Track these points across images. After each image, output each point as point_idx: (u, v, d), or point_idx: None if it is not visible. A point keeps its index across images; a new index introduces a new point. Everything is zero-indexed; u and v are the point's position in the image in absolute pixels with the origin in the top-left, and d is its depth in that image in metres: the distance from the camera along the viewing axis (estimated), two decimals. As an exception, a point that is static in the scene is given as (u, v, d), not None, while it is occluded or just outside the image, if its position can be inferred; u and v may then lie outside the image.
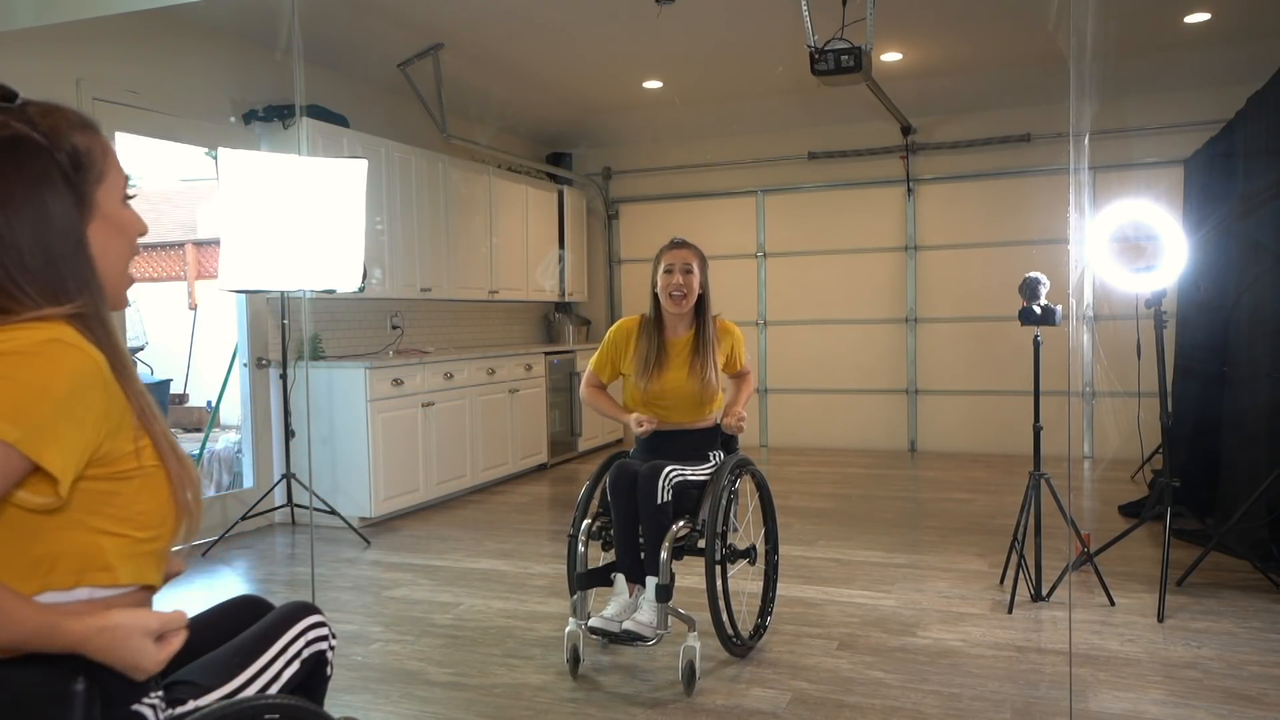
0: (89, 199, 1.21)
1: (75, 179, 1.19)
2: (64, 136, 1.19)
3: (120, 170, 1.27)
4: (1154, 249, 3.49)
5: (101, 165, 1.23)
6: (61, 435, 1.11)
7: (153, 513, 1.22)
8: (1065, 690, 2.80)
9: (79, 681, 1.12)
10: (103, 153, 1.24)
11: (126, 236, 1.27)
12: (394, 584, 4.09)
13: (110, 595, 1.21)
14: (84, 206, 1.20)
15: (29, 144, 1.16)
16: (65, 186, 1.18)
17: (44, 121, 1.19)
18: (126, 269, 1.29)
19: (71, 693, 1.11)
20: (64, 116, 1.22)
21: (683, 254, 3.15)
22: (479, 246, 6.78)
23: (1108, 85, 6.07)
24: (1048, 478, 3.62)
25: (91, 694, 1.12)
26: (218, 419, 6.41)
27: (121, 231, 1.26)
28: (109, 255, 1.24)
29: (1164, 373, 3.80)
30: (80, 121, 1.23)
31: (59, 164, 1.18)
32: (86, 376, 1.13)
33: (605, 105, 7.46)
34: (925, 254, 7.44)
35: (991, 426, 7.19)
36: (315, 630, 1.51)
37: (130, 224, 1.28)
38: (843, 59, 4.50)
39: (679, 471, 2.98)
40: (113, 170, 1.25)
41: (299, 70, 5.19)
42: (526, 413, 6.68)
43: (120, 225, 1.26)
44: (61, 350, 1.12)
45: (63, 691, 1.11)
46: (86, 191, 1.21)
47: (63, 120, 1.21)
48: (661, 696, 2.82)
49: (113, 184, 1.25)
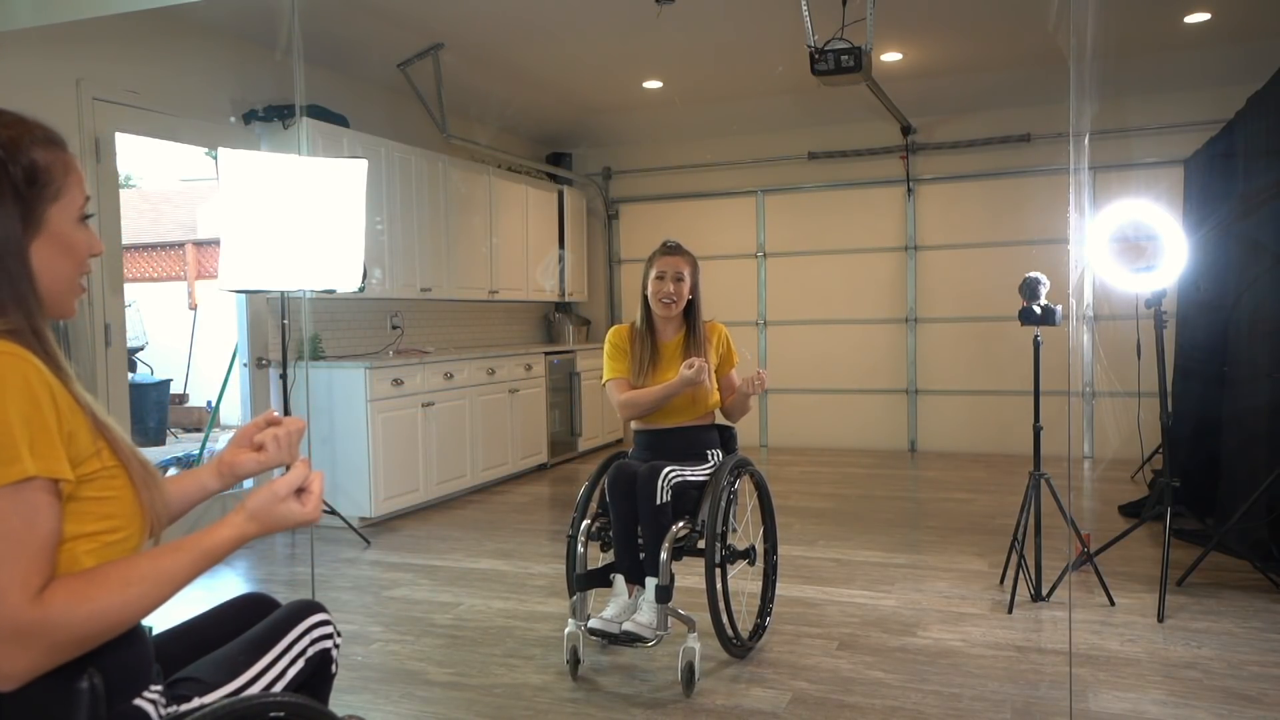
0: (38, 216, 1.20)
1: (26, 194, 1.18)
2: (23, 150, 1.18)
3: (81, 189, 1.26)
4: (1154, 249, 3.49)
5: (60, 183, 1.22)
6: (52, 439, 1.12)
7: (119, 513, 1.22)
8: (1065, 690, 2.80)
9: (83, 679, 1.12)
10: (64, 170, 1.23)
11: (75, 257, 1.25)
12: (394, 584, 4.10)
13: None
14: (31, 222, 1.19)
15: None
16: (13, 200, 1.17)
17: (4, 132, 1.18)
18: (72, 286, 1.27)
19: (77, 690, 1.11)
20: (28, 129, 1.20)
21: (674, 261, 3.16)
22: (479, 246, 6.78)
23: (1108, 85, 6.08)
24: (1048, 478, 3.62)
25: (96, 691, 1.12)
26: (218, 419, 6.41)
27: (69, 252, 1.24)
28: (52, 273, 1.22)
29: (1164, 373, 3.80)
30: (45, 137, 1.22)
31: (10, 176, 1.17)
32: (34, 377, 1.12)
33: (605, 105, 7.46)
34: (925, 254, 7.44)
35: (991, 426, 7.19)
36: (320, 629, 1.51)
37: (81, 245, 1.26)
38: (843, 59, 4.51)
39: (678, 472, 2.98)
40: (72, 189, 1.24)
41: (299, 70, 5.19)
42: (526, 413, 6.68)
43: (69, 245, 1.24)
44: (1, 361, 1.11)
45: (68, 689, 1.12)
46: (37, 208, 1.20)
47: (26, 133, 1.20)
48: (661, 697, 2.82)
49: (69, 203, 1.23)
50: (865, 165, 7.56)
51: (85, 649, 1.13)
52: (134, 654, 1.25)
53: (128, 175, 11.49)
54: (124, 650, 1.22)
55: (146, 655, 1.28)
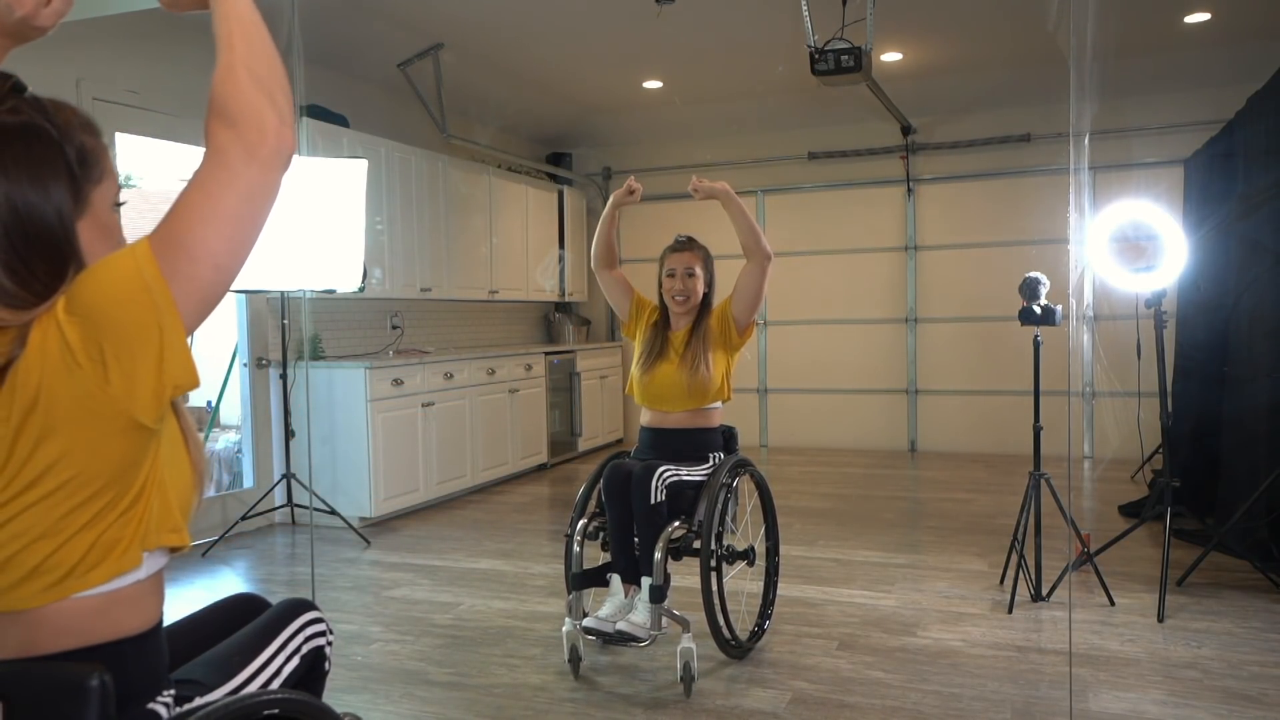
0: (85, 196, 1.21)
1: (79, 175, 1.20)
2: (74, 132, 1.20)
3: (115, 177, 1.27)
4: (1154, 249, 3.49)
5: (101, 167, 1.24)
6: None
7: (181, 460, 1.23)
8: (1065, 690, 2.80)
9: (94, 677, 1.11)
10: (103, 155, 1.25)
11: (112, 240, 1.26)
12: (394, 584, 4.10)
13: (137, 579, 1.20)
14: (80, 203, 1.20)
15: (44, 134, 1.17)
16: (68, 179, 1.18)
17: (58, 115, 1.20)
18: None
19: (87, 688, 1.11)
20: (73, 113, 1.22)
21: (684, 257, 3.17)
22: (479, 246, 6.78)
23: (1108, 85, 6.08)
24: (1048, 478, 3.62)
25: (106, 690, 1.12)
26: (218, 419, 6.40)
27: (107, 235, 1.25)
28: (92, 256, 1.23)
29: (1164, 373, 3.80)
30: (85, 122, 1.24)
31: (67, 158, 1.18)
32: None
33: (605, 105, 7.46)
34: (925, 254, 7.44)
35: (991, 426, 7.19)
36: (313, 626, 1.52)
37: (116, 228, 1.28)
38: (843, 59, 4.51)
39: (673, 472, 2.98)
40: (109, 175, 1.25)
41: (299, 70, 5.16)
42: (526, 413, 6.68)
43: (108, 229, 1.25)
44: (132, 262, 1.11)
45: (79, 686, 1.11)
46: (85, 189, 1.21)
47: (73, 117, 1.22)
48: (661, 696, 2.82)
49: (108, 188, 1.25)
50: (865, 165, 7.56)
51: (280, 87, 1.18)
52: (157, 658, 1.25)
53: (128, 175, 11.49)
54: (149, 654, 1.23)
55: (164, 658, 1.28)
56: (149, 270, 1.07)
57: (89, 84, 4.36)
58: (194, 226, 1.09)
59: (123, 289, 1.07)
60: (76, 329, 1.08)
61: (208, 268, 1.10)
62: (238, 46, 1.16)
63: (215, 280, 1.12)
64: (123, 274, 1.08)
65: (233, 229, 1.12)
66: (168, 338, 1.08)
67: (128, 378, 1.08)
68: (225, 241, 1.11)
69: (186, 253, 1.09)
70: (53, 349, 1.08)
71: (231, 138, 1.12)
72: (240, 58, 1.15)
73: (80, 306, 1.08)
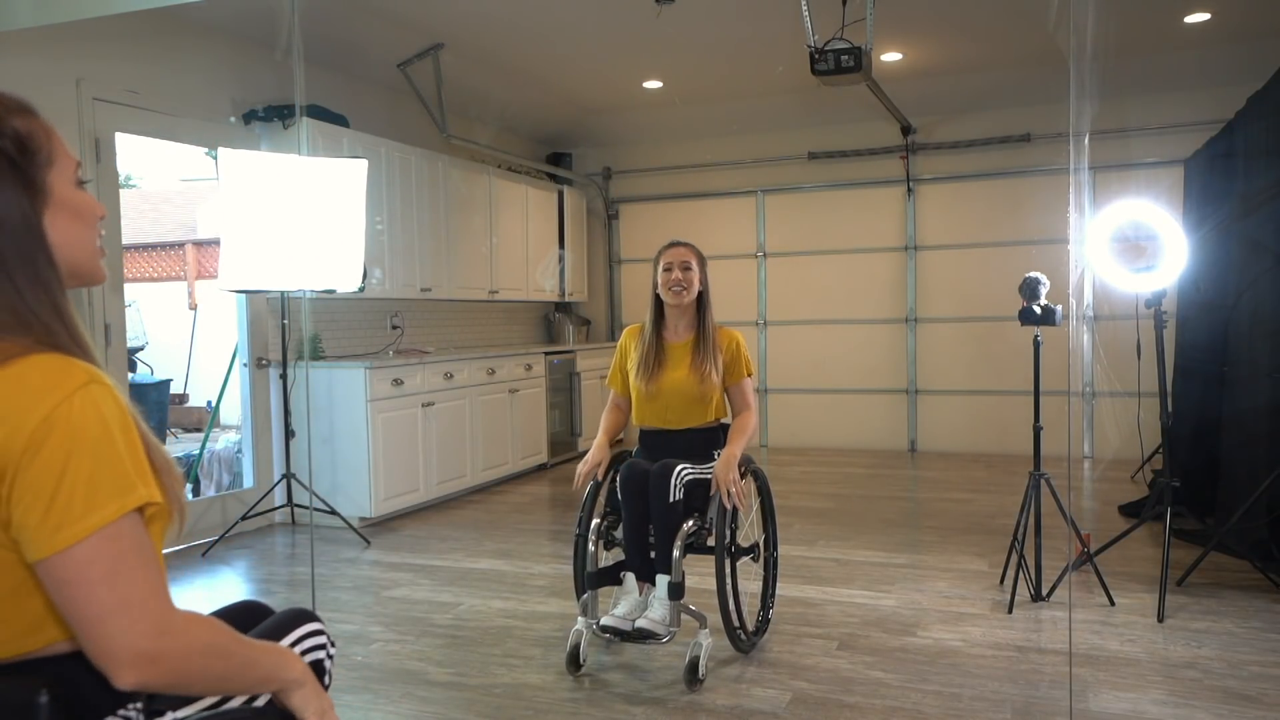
0: (40, 183, 1.12)
1: (22, 163, 1.10)
2: (2, 121, 1.10)
3: (68, 153, 1.18)
4: (1154, 249, 3.49)
5: (48, 148, 1.14)
6: (143, 461, 1.10)
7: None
8: (1065, 690, 2.80)
9: (43, 693, 1.06)
10: (46, 135, 1.15)
11: (86, 220, 1.19)
12: (394, 584, 4.10)
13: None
14: (35, 191, 1.12)
15: None
16: (11, 172, 1.09)
17: None
18: (95, 249, 1.21)
19: (35, 704, 1.05)
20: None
21: (681, 252, 3.18)
22: (479, 246, 6.78)
23: (1108, 85, 6.06)
24: (1048, 478, 3.62)
25: (57, 706, 1.06)
26: (218, 419, 6.41)
27: (80, 215, 1.17)
28: (72, 241, 1.16)
29: (1164, 373, 3.80)
30: (16, 105, 1.14)
31: (2, 150, 1.09)
32: (121, 401, 1.10)
33: (605, 105, 7.46)
34: (925, 254, 7.44)
35: (991, 426, 7.19)
36: (313, 638, 1.46)
37: (88, 207, 1.19)
38: (843, 59, 4.51)
39: (690, 470, 2.98)
40: (60, 153, 1.16)
41: (299, 70, 5.19)
42: (526, 413, 6.68)
43: (78, 209, 1.17)
44: (97, 393, 1.07)
45: (26, 703, 1.05)
46: (37, 176, 1.12)
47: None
48: (662, 696, 2.82)
49: (64, 167, 1.16)
50: (865, 165, 7.56)
51: (191, 681, 1.12)
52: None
53: (128, 175, 11.48)
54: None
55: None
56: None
57: (89, 84, 4.36)
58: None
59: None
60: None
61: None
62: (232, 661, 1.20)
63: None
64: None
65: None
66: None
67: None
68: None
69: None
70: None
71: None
72: (224, 645, 1.18)
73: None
